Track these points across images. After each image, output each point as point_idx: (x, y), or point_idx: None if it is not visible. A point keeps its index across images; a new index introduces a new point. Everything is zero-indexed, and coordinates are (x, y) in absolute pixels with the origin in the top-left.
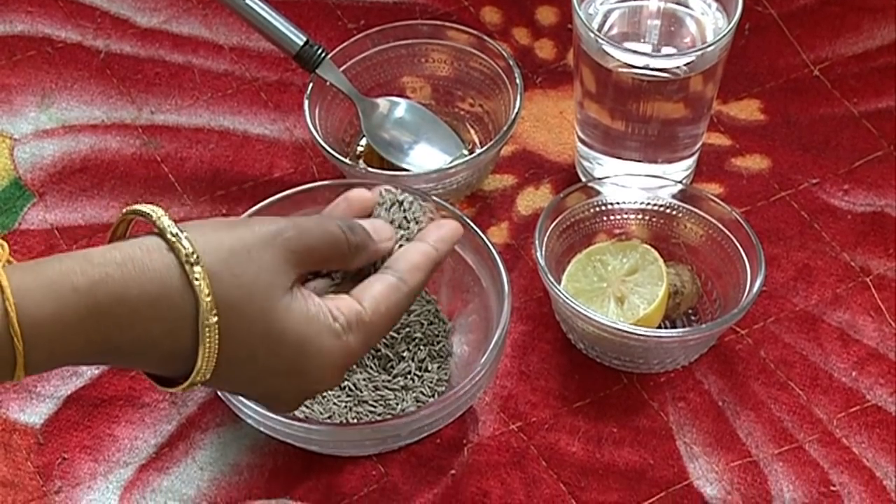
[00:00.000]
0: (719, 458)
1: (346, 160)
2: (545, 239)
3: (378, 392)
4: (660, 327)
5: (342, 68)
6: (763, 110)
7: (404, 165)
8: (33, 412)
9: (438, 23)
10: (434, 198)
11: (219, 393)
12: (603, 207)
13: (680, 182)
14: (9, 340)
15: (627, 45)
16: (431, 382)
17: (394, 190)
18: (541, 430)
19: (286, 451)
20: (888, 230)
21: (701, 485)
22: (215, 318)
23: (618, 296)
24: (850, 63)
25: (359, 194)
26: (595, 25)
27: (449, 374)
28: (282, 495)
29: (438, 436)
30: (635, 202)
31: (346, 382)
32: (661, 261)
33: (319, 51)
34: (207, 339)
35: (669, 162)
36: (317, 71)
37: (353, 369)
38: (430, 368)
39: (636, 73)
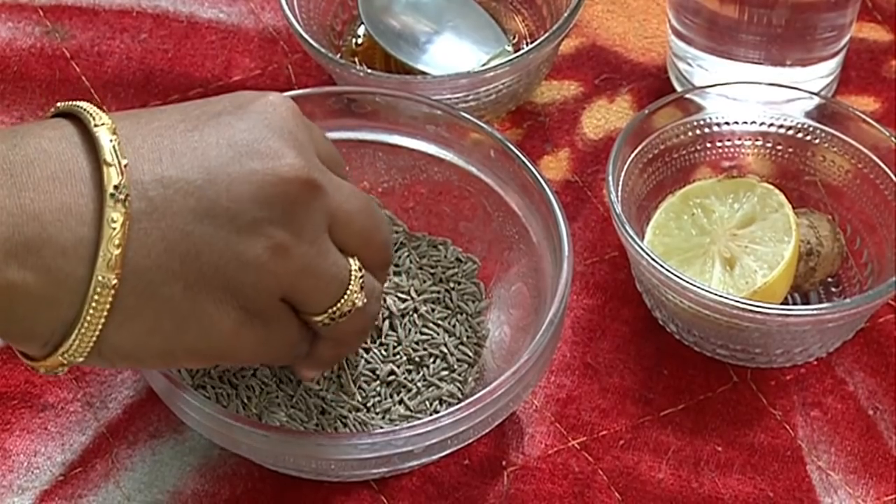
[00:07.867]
0: (868, 490)
1: (337, 58)
2: (622, 174)
3: (379, 390)
4: (786, 301)
5: None
6: None
7: (420, 66)
8: None
9: None
10: (463, 113)
11: (153, 387)
12: (706, 129)
13: (817, 94)
14: None
15: None
16: (457, 378)
17: None
18: (613, 449)
19: (249, 474)
20: None
21: None
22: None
23: (726, 256)
24: None
25: None
26: None
27: (482, 366)
28: None
29: (466, 454)
30: (753, 122)
31: (335, 375)
32: (788, 207)
33: None
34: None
35: (803, 65)
36: None
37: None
38: (454, 357)
39: None
